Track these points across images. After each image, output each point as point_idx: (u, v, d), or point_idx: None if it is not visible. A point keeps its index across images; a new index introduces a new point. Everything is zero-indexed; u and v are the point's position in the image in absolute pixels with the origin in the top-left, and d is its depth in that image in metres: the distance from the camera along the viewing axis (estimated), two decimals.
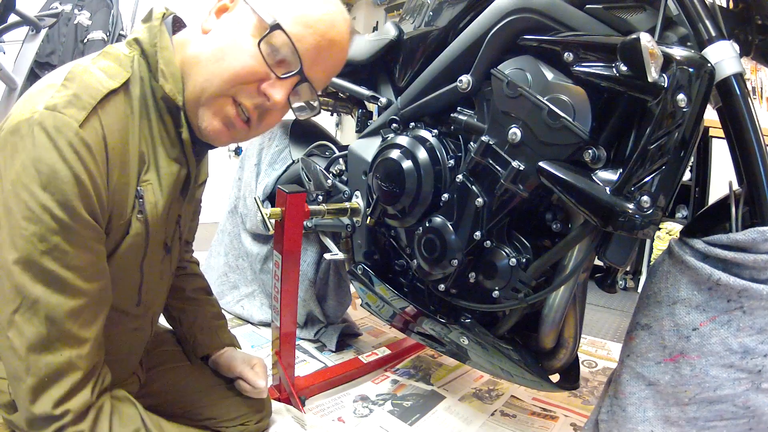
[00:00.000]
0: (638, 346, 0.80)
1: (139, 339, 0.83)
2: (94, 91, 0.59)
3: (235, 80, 0.64)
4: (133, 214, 0.65)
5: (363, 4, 4.19)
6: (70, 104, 0.56)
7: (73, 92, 0.57)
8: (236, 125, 0.67)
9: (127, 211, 0.64)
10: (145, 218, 0.66)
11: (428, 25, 1.13)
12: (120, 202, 0.63)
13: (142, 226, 0.66)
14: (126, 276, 0.70)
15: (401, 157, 1.08)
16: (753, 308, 0.69)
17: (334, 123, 4.13)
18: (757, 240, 0.68)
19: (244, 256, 1.79)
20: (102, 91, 0.59)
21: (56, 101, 0.56)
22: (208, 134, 0.67)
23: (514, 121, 0.89)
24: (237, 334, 1.04)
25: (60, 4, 2.70)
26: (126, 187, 0.63)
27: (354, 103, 1.48)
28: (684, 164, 0.74)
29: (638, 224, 0.74)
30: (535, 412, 1.31)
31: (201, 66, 0.65)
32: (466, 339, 1.08)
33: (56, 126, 0.55)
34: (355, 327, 1.73)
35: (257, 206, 1.21)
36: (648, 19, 0.80)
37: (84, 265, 0.59)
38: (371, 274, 1.26)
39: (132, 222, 0.65)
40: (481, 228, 0.97)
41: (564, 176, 0.81)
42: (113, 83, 0.61)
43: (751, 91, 2.03)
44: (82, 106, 0.57)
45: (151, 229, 0.68)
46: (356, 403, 1.31)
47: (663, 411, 0.77)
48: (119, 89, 0.62)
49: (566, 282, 0.91)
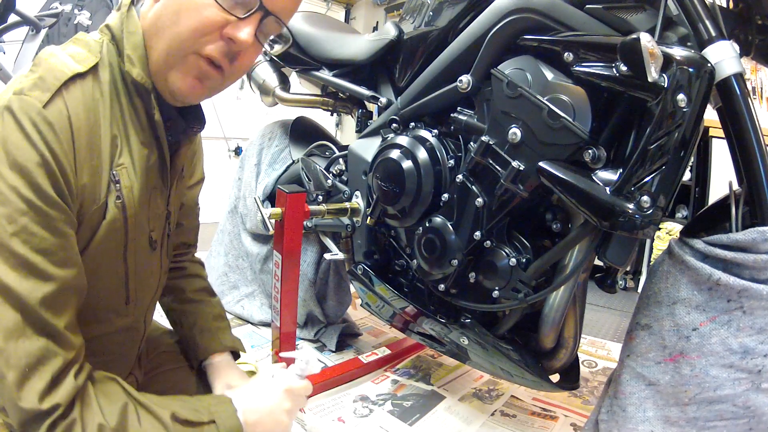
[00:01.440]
0: (638, 346, 0.80)
1: (131, 338, 0.82)
2: (59, 74, 0.60)
3: (195, 35, 0.63)
4: (110, 199, 0.65)
5: (363, 4, 4.20)
6: (35, 86, 0.58)
7: (39, 75, 0.59)
8: (209, 75, 0.66)
9: (101, 194, 0.64)
10: (122, 203, 0.66)
11: (428, 25, 1.13)
12: (91, 186, 0.63)
13: (119, 211, 0.66)
14: (109, 268, 0.69)
15: (401, 157, 1.08)
16: (753, 308, 0.70)
17: (334, 123, 4.13)
18: (757, 240, 0.68)
19: (244, 256, 1.79)
20: (66, 74, 0.60)
21: (23, 85, 0.58)
22: (182, 93, 0.67)
23: (514, 121, 0.89)
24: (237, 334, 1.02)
25: (60, 4, 2.70)
26: (98, 171, 0.63)
27: (354, 103, 1.48)
28: (684, 164, 0.74)
29: (638, 224, 0.74)
30: (535, 412, 1.31)
31: (160, 33, 0.64)
32: (466, 339, 1.08)
33: (21, 107, 0.56)
34: (355, 327, 1.73)
35: (257, 206, 1.21)
36: (648, 19, 0.80)
37: (54, 248, 0.58)
38: (371, 274, 1.26)
39: (108, 206, 0.65)
40: (481, 228, 0.97)
41: (564, 176, 0.81)
42: (79, 67, 0.62)
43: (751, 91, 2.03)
44: (47, 88, 0.58)
45: (128, 213, 0.67)
46: (356, 403, 1.31)
47: (663, 411, 0.77)
48: (86, 73, 0.62)
49: (566, 282, 0.91)
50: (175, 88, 0.67)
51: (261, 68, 1.60)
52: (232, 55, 0.66)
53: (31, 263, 0.57)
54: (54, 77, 0.59)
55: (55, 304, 0.59)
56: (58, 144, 0.58)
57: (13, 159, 0.55)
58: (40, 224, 0.57)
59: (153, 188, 0.73)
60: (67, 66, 0.61)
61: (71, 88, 0.60)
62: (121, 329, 0.77)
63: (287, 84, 1.62)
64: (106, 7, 2.83)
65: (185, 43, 0.63)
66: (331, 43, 1.42)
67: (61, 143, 0.58)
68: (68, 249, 0.60)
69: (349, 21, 4.22)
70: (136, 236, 0.71)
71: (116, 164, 0.65)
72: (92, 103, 0.62)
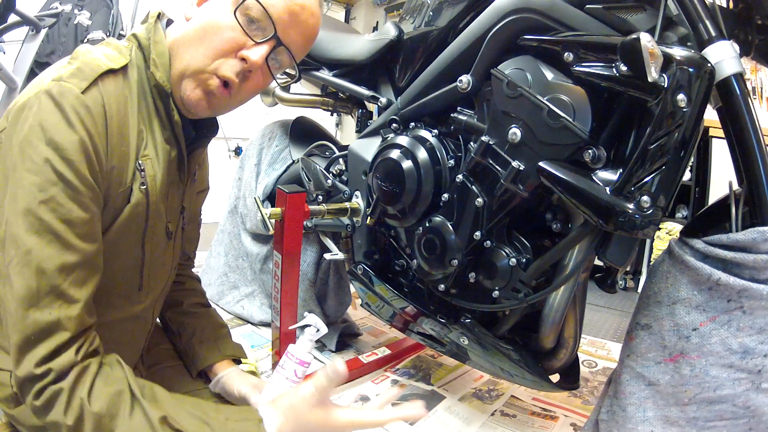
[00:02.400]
0: (638, 346, 0.80)
1: (140, 328, 0.84)
2: (96, 67, 0.65)
3: (216, 53, 0.70)
4: (135, 184, 0.70)
5: (363, 4, 4.20)
6: (74, 76, 0.63)
7: (77, 66, 0.64)
8: (217, 93, 0.72)
9: (127, 179, 0.69)
10: (146, 189, 0.71)
11: (428, 25, 1.13)
12: (119, 170, 0.68)
13: (143, 196, 0.71)
14: (128, 251, 0.73)
15: (401, 157, 1.08)
16: (753, 308, 0.70)
17: (334, 123, 4.13)
18: (757, 240, 0.68)
19: (244, 256, 1.79)
20: (102, 68, 0.66)
21: (61, 74, 0.63)
22: (189, 103, 0.72)
23: (514, 121, 0.89)
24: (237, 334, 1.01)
25: (60, 4, 2.69)
26: (126, 158, 0.68)
27: (354, 103, 1.48)
28: (684, 164, 0.74)
29: (638, 224, 0.74)
30: (535, 412, 1.31)
31: (186, 47, 0.71)
32: (466, 339, 1.08)
33: (60, 92, 0.61)
34: (355, 327, 1.73)
35: (257, 206, 1.21)
36: (648, 19, 0.80)
37: (78, 221, 0.61)
38: (371, 274, 1.26)
39: (134, 191, 0.70)
40: (481, 228, 0.97)
41: (564, 176, 0.81)
42: (113, 64, 0.68)
43: (751, 91, 2.03)
44: (84, 77, 0.63)
45: (151, 200, 0.72)
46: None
47: (663, 411, 0.77)
48: (118, 71, 0.68)
49: (566, 282, 0.91)
50: (185, 96, 0.72)
51: None
52: (243, 74, 0.72)
53: (56, 231, 0.59)
54: (91, 69, 0.65)
55: (72, 274, 0.61)
56: (94, 126, 0.62)
57: (50, 137, 0.59)
58: (69, 196, 0.60)
59: (171, 182, 0.78)
60: (102, 62, 0.67)
61: (106, 81, 0.66)
62: (132, 317, 0.80)
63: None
64: (106, 7, 2.83)
65: (207, 59, 0.70)
66: (331, 43, 1.42)
67: (97, 126, 0.63)
68: (92, 225, 0.63)
69: (349, 21, 4.22)
70: (155, 223, 0.75)
71: (142, 155, 0.71)
72: (122, 98, 0.68)
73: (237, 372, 0.94)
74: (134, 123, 0.70)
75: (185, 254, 1.03)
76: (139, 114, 0.71)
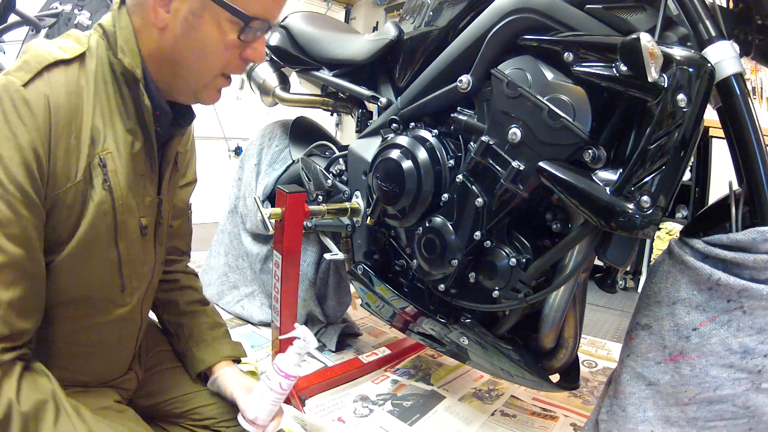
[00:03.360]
0: (638, 346, 0.80)
1: (129, 330, 0.83)
2: (42, 59, 0.65)
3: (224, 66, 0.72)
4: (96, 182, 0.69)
5: (363, 4, 4.20)
6: (19, 69, 0.63)
7: (24, 60, 0.64)
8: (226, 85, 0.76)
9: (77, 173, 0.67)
10: (109, 186, 0.70)
11: (428, 25, 1.13)
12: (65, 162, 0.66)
13: (107, 194, 0.69)
14: (102, 254, 0.72)
15: (401, 157, 1.08)
16: (753, 308, 0.70)
17: (334, 123, 4.13)
18: (757, 240, 0.68)
19: (244, 256, 1.79)
20: (49, 59, 0.65)
21: (9, 69, 0.63)
22: (209, 102, 0.76)
23: (514, 121, 0.89)
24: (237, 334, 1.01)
25: (60, 4, 2.69)
26: (74, 150, 0.67)
27: (354, 103, 1.48)
28: (684, 164, 0.74)
29: (638, 224, 0.74)
30: (535, 412, 1.31)
31: (184, 66, 0.71)
32: (466, 339, 1.08)
33: (3, 86, 0.62)
34: (355, 327, 1.73)
35: (257, 206, 1.21)
36: (648, 19, 0.80)
37: (6, 222, 0.60)
38: (371, 274, 1.26)
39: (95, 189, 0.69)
40: (481, 228, 0.97)
41: (564, 176, 0.81)
42: (65, 55, 0.67)
43: (751, 91, 2.03)
44: (29, 70, 0.63)
45: (116, 196, 0.71)
46: (356, 403, 1.31)
47: (663, 411, 0.77)
48: (72, 61, 0.67)
49: (566, 282, 0.91)
50: (202, 99, 0.76)
51: (261, 68, 1.60)
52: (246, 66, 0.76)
53: None
54: (37, 61, 0.64)
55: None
56: (32, 121, 0.62)
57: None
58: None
59: (141, 175, 0.75)
60: (50, 53, 0.66)
61: (54, 72, 0.65)
62: (119, 319, 0.78)
63: (287, 84, 1.62)
64: (106, 7, 2.83)
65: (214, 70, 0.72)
66: (331, 43, 1.42)
67: (36, 121, 0.62)
68: (22, 228, 0.62)
69: (349, 21, 4.22)
70: (125, 220, 0.73)
71: (103, 149, 0.69)
72: (76, 89, 0.67)
73: (232, 372, 0.94)
74: (89, 114, 0.68)
75: (177, 250, 1.01)
76: (96, 104, 0.69)
